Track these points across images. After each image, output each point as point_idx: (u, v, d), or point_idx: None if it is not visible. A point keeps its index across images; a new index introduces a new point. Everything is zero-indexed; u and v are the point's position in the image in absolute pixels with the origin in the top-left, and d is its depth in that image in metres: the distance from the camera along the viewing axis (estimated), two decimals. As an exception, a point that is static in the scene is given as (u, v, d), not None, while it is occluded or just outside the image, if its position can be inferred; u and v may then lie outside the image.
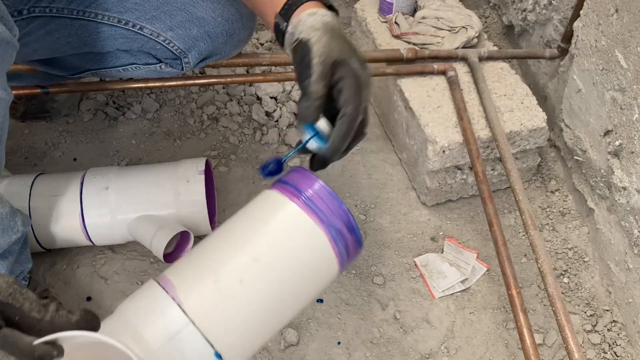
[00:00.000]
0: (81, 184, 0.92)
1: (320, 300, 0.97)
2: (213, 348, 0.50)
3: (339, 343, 0.92)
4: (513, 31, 1.40)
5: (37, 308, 0.39)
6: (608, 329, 0.95)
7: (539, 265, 0.84)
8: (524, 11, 1.31)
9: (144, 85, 1.06)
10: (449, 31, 1.17)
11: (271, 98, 1.27)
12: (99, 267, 0.98)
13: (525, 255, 1.06)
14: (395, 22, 1.21)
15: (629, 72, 0.87)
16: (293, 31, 0.62)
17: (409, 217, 1.11)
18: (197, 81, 1.13)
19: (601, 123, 0.97)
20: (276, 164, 0.62)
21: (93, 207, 0.91)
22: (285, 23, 0.63)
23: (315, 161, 0.63)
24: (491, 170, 1.11)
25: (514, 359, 0.92)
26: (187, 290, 0.52)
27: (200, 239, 1.02)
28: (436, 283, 1.00)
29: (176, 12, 0.85)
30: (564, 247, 1.07)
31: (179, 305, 0.51)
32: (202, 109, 1.26)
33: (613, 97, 0.93)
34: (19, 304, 0.39)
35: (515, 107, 1.07)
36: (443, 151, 1.01)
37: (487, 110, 1.04)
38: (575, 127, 1.07)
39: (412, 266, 1.03)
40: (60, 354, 0.39)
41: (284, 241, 0.56)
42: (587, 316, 0.97)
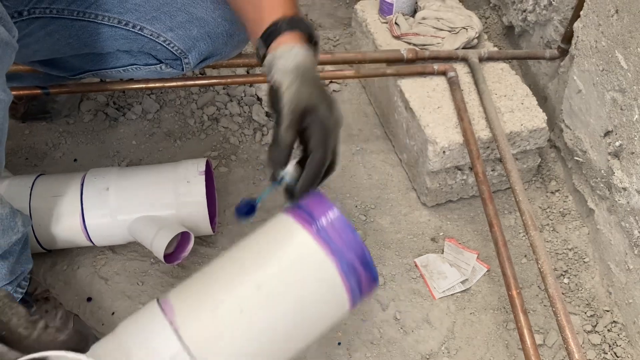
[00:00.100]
0: (82, 185, 0.92)
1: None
2: None
3: (339, 344, 0.92)
4: (513, 32, 1.40)
5: (25, 324, 0.39)
6: (608, 330, 0.95)
7: (539, 265, 0.84)
8: (524, 12, 1.31)
9: (145, 85, 1.06)
10: (449, 32, 1.17)
11: (271, 98, 1.27)
12: (100, 268, 0.99)
13: (525, 255, 1.06)
14: (395, 23, 1.21)
15: (629, 73, 0.87)
16: (269, 67, 0.63)
17: (410, 218, 1.11)
18: (198, 82, 1.13)
19: (601, 124, 0.97)
20: (249, 206, 0.63)
21: (93, 208, 0.91)
22: (265, 49, 0.65)
23: (287, 193, 0.63)
24: (491, 170, 1.11)
25: (514, 360, 0.92)
26: (186, 315, 0.50)
27: (200, 240, 1.03)
28: (436, 283, 1.00)
29: (176, 13, 0.85)
30: (564, 248, 1.07)
31: (176, 330, 0.49)
32: (203, 110, 1.26)
33: (613, 98, 0.93)
34: (7, 319, 0.38)
35: (515, 108, 1.07)
36: (443, 152, 1.01)
37: (488, 110, 1.04)
38: (575, 128, 1.07)
39: (413, 267, 1.03)
40: None
41: (291, 270, 0.53)
42: (588, 317, 0.97)
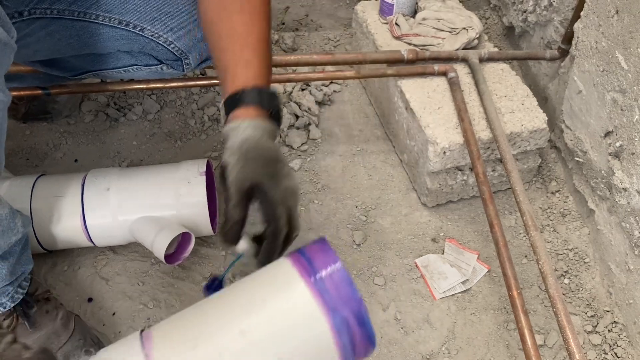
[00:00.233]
0: (82, 185, 0.92)
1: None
2: None
3: (340, 344, 0.92)
4: (513, 32, 1.40)
5: None
6: (609, 330, 0.96)
7: (540, 266, 0.84)
8: (525, 12, 1.31)
9: (145, 86, 1.06)
10: (450, 32, 1.17)
11: (272, 99, 1.27)
12: (100, 268, 0.99)
13: (525, 256, 1.06)
14: (395, 24, 1.21)
15: (630, 74, 0.87)
16: (224, 140, 0.66)
17: (410, 218, 1.11)
18: (198, 82, 1.13)
19: (602, 124, 0.97)
20: (217, 282, 0.63)
21: (94, 208, 0.91)
22: (226, 117, 0.67)
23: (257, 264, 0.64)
24: (492, 171, 1.11)
25: (515, 360, 0.92)
26: (164, 351, 0.48)
27: (201, 240, 1.03)
28: (437, 284, 1.00)
29: (177, 14, 0.85)
30: (565, 248, 1.07)
31: None
32: (203, 110, 1.26)
33: (614, 98, 0.93)
34: None
35: (515, 108, 1.08)
36: (444, 152, 1.01)
37: (488, 111, 1.04)
38: (575, 128, 1.07)
39: (413, 267, 1.03)
40: None
41: (279, 319, 0.50)
42: (588, 317, 0.97)
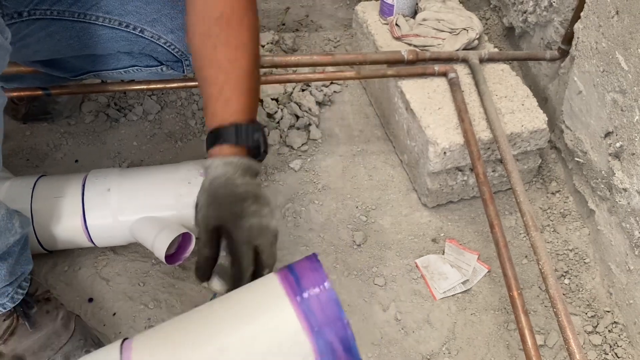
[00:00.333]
0: (83, 186, 0.92)
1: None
2: None
3: (340, 344, 0.92)
4: (513, 33, 1.40)
5: None
6: (609, 330, 0.96)
7: (540, 266, 0.84)
8: (525, 13, 1.31)
9: (146, 87, 1.06)
10: (450, 33, 1.17)
11: (272, 100, 1.27)
12: (101, 269, 0.99)
13: (526, 256, 1.06)
14: (396, 24, 1.21)
15: (630, 74, 0.87)
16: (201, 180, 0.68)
17: (410, 219, 1.11)
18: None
19: (602, 125, 0.97)
20: None
21: (95, 209, 0.91)
22: (206, 152, 0.68)
23: None
24: (492, 171, 1.11)
25: (515, 360, 0.92)
26: None
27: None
28: (437, 284, 1.00)
29: (177, 15, 0.85)
30: (565, 249, 1.07)
31: None
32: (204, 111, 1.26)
33: (614, 99, 0.93)
34: None
35: (516, 109, 1.08)
36: (444, 153, 1.01)
37: (488, 111, 1.04)
38: (575, 129, 1.08)
39: (413, 267, 1.03)
40: None
41: (261, 338, 0.49)
42: (588, 317, 0.97)
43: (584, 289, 1.01)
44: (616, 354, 0.93)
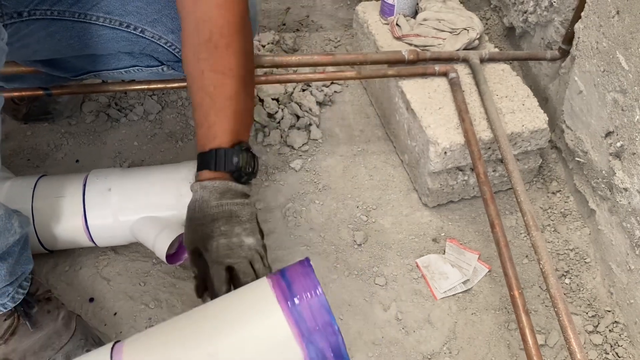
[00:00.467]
0: (84, 186, 0.92)
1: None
2: None
3: (341, 344, 0.92)
4: (514, 33, 1.40)
5: None
6: (610, 330, 0.96)
7: (541, 266, 0.84)
8: (525, 13, 1.31)
9: (146, 87, 1.06)
10: (450, 33, 1.17)
11: (273, 99, 1.27)
12: (102, 269, 0.99)
13: (526, 256, 1.06)
14: (396, 24, 1.21)
15: (630, 74, 0.87)
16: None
17: (411, 219, 1.11)
18: (199, 83, 1.13)
19: (602, 124, 0.97)
20: None
21: (96, 209, 0.91)
22: (196, 174, 0.73)
23: None
24: (492, 171, 1.11)
25: (516, 360, 0.92)
26: None
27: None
28: (438, 284, 1.00)
29: (177, 15, 0.85)
30: (566, 248, 1.07)
31: None
32: (204, 111, 1.26)
33: (614, 99, 0.93)
34: None
35: (516, 109, 1.08)
36: (445, 152, 1.01)
37: (489, 111, 1.04)
38: (576, 129, 1.08)
39: (414, 267, 1.03)
40: None
41: (251, 344, 0.48)
42: (589, 317, 0.97)
43: (585, 289, 1.01)
44: (617, 354, 0.93)
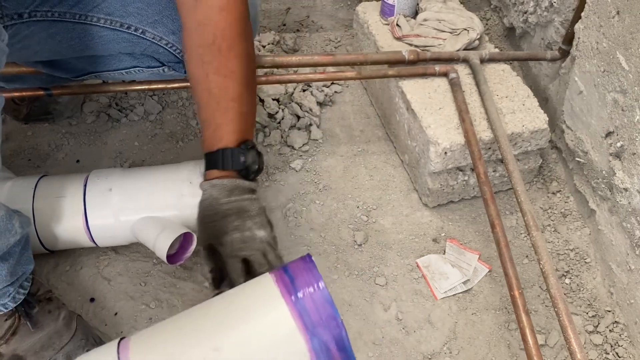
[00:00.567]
0: (84, 186, 0.92)
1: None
2: None
3: (342, 344, 0.92)
4: (514, 33, 1.41)
5: None
6: (610, 330, 0.96)
7: (541, 266, 0.84)
8: (525, 13, 1.31)
9: (147, 87, 1.06)
10: (451, 33, 1.17)
11: (273, 100, 1.27)
12: (103, 269, 0.99)
13: (527, 256, 1.06)
14: (397, 24, 1.22)
15: (631, 74, 0.87)
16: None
17: (411, 219, 1.11)
18: (200, 83, 1.13)
19: (602, 124, 0.97)
20: None
21: (96, 209, 0.91)
22: (204, 174, 0.74)
23: None
24: (493, 171, 1.11)
25: (516, 360, 0.92)
26: None
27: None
28: (438, 284, 1.00)
29: (178, 16, 0.85)
30: (566, 248, 1.07)
31: None
32: (205, 111, 1.27)
33: (614, 99, 0.93)
34: None
35: (516, 109, 1.08)
36: (445, 152, 1.01)
37: (489, 111, 1.04)
38: (576, 129, 1.08)
39: (414, 267, 1.03)
40: None
41: (256, 338, 0.49)
42: (589, 317, 0.97)
43: (585, 289, 1.01)
44: (617, 354, 0.93)
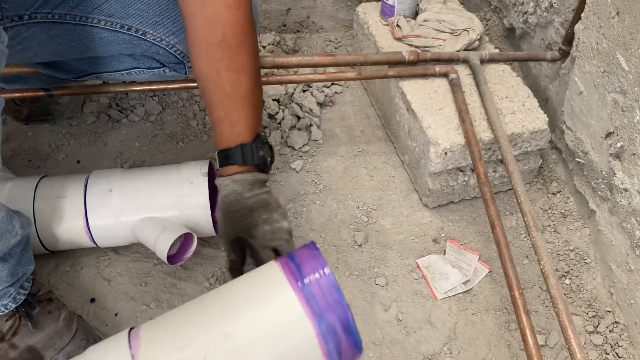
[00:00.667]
0: (85, 186, 0.92)
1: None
2: None
3: (342, 344, 0.92)
4: (514, 34, 1.41)
5: None
6: (610, 330, 0.96)
7: (541, 266, 0.84)
8: (525, 14, 1.31)
9: (147, 88, 1.06)
10: (451, 34, 1.17)
11: (274, 100, 1.27)
12: (103, 269, 0.99)
13: (527, 256, 1.06)
14: (397, 25, 1.22)
15: (631, 75, 0.87)
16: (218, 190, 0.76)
17: (411, 219, 1.11)
18: (200, 84, 1.13)
19: (602, 125, 0.97)
20: None
21: (97, 209, 0.91)
22: (218, 171, 0.76)
23: None
24: (493, 172, 1.11)
25: (516, 360, 0.92)
26: (150, 351, 0.49)
27: (203, 241, 1.03)
28: (438, 284, 1.00)
29: (179, 18, 0.86)
30: (566, 249, 1.07)
31: None
32: (205, 111, 1.27)
33: (614, 99, 0.93)
34: None
35: (516, 109, 1.08)
36: (445, 153, 1.01)
37: (489, 112, 1.04)
38: (576, 129, 1.08)
39: (415, 268, 1.03)
40: None
41: (265, 324, 0.50)
42: (589, 317, 0.97)
43: (585, 289, 1.01)
44: (617, 354, 0.93)
